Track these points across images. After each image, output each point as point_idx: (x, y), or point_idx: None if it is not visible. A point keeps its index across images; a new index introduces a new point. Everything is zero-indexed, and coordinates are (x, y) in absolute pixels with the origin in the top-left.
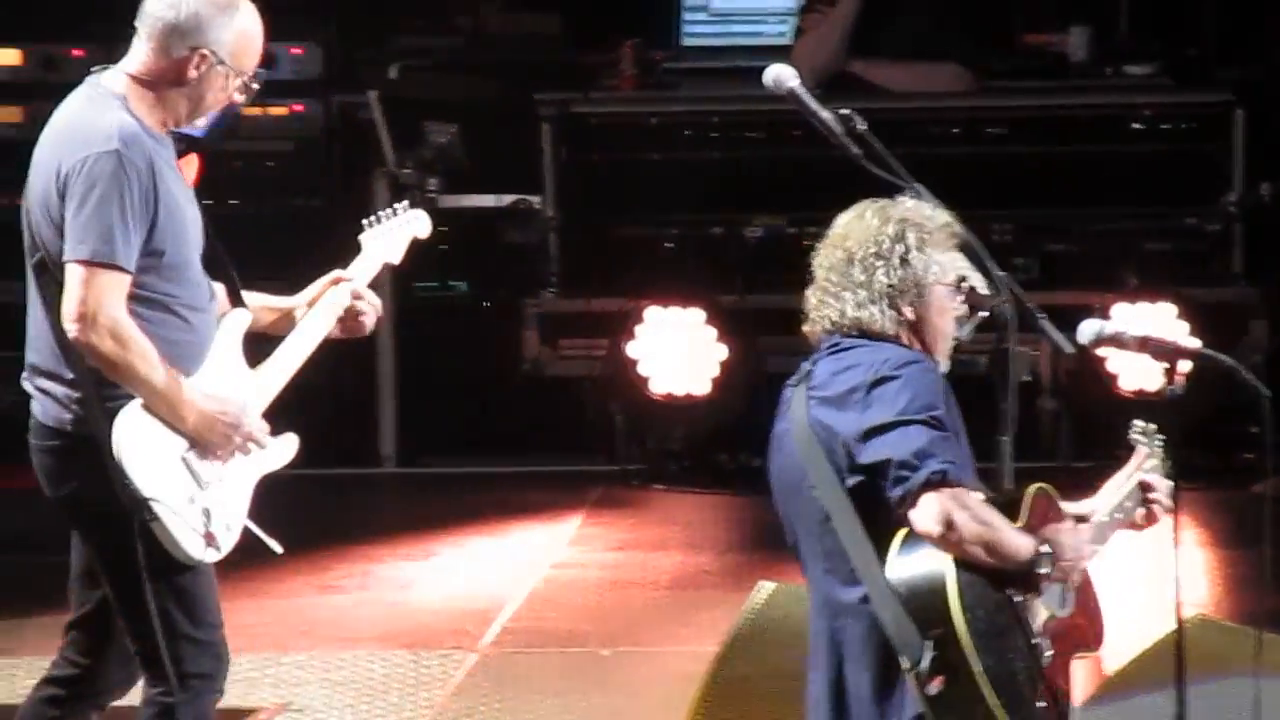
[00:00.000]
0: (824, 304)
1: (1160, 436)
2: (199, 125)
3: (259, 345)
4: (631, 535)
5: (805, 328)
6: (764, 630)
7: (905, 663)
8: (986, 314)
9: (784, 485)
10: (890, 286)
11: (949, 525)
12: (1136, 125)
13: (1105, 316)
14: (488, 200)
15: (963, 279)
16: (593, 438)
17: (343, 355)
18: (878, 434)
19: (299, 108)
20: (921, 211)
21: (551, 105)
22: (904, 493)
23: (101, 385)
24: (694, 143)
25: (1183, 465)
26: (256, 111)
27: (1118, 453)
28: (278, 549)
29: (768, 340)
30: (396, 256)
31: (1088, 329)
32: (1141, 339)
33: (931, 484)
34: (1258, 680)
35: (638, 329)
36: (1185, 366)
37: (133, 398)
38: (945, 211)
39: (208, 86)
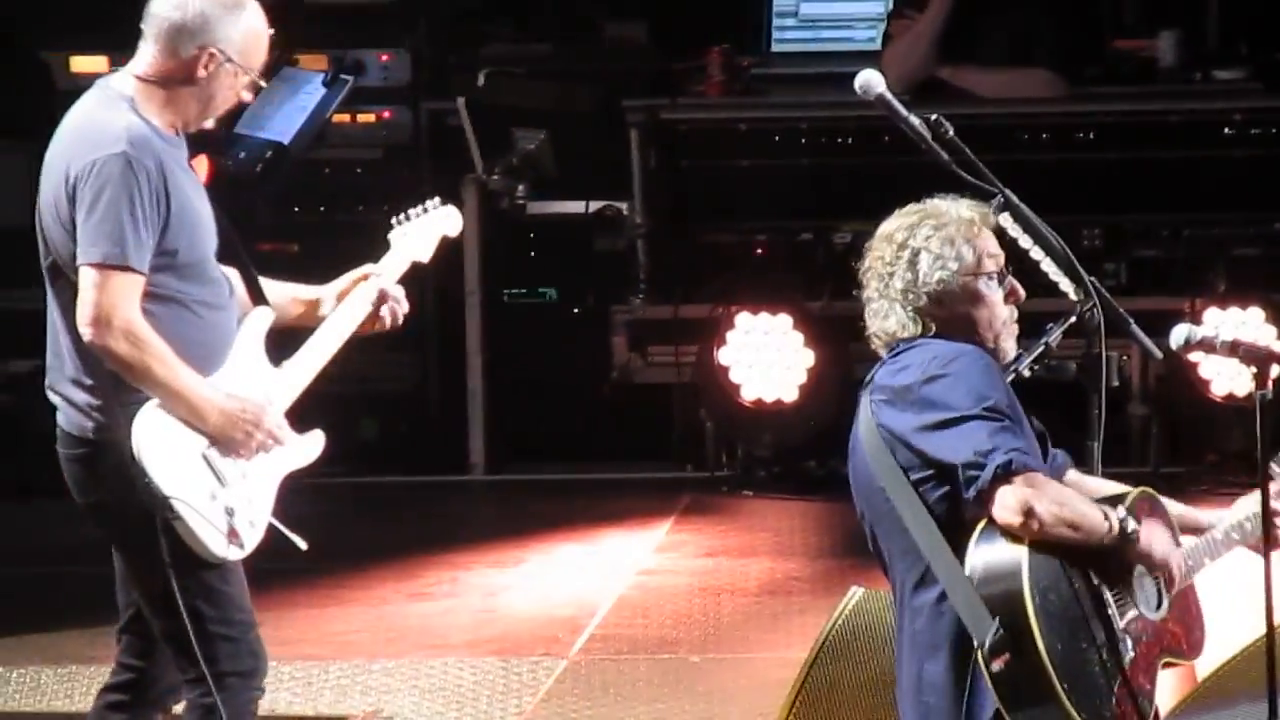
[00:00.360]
0: (869, 318)
1: None
2: (207, 125)
3: (288, 338)
4: (720, 541)
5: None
6: (854, 636)
7: (976, 641)
8: (1074, 318)
9: (860, 488)
10: (904, 291)
11: (1029, 513)
12: (1226, 130)
13: (1196, 321)
14: (576, 207)
15: (996, 262)
16: (681, 444)
17: (432, 362)
18: (937, 434)
19: (388, 114)
20: (939, 207)
21: (640, 111)
22: (977, 491)
23: (119, 387)
24: (782, 149)
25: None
26: (345, 118)
27: (1209, 457)
28: (302, 545)
29: (856, 347)
30: (426, 254)
31: (1178, 334)
32: (1232, 344)
33: (999, 477)
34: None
35: (727, 335)
36: (1276, 371)
37: (150, 398)
38: (972, 203)
39: (217, 85)
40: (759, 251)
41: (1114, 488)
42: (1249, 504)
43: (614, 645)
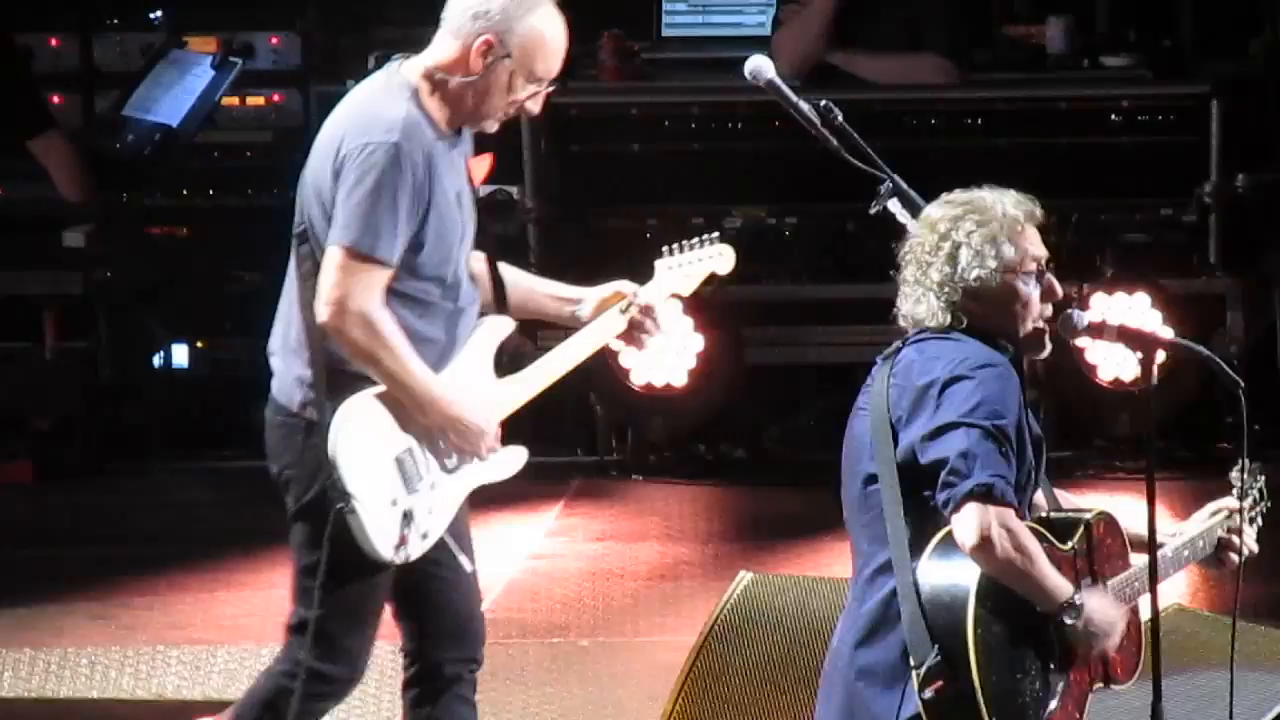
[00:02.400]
0: (900, 299)
1: (1261, 476)
2: (488, 128)
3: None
4: (611, 526)
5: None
6: (743, 620)
7: (912, 660)
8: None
9: (848, 460)
10: (940, 283)
11: (984, 540)
12: (1114, 117)
13: (1083, 307)
14: None
15: (1038, 262)
16: (572, 429)
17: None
18: (941, 433)
19: (277, 98)
20: (985, 200)
21: None
22: (948, 498)
23: (336, 372)
24: (674, 134)
25: (1159, 455)
26: (234, 102)
27: (1097, 442)
28: (469, 567)
29: (747, 332)
30: (688, 289)
31: (1065, 320)
32: (1119, 329)
33: (975, 495)
34: (1233, 669)
35: None
36: (1162, 357)
37: (361, 387)
38: (1019, 198)
39: (493, 80)
40: (650, 236)
41: (1073, 503)
42: (1203, 519)
43: (504, 629)
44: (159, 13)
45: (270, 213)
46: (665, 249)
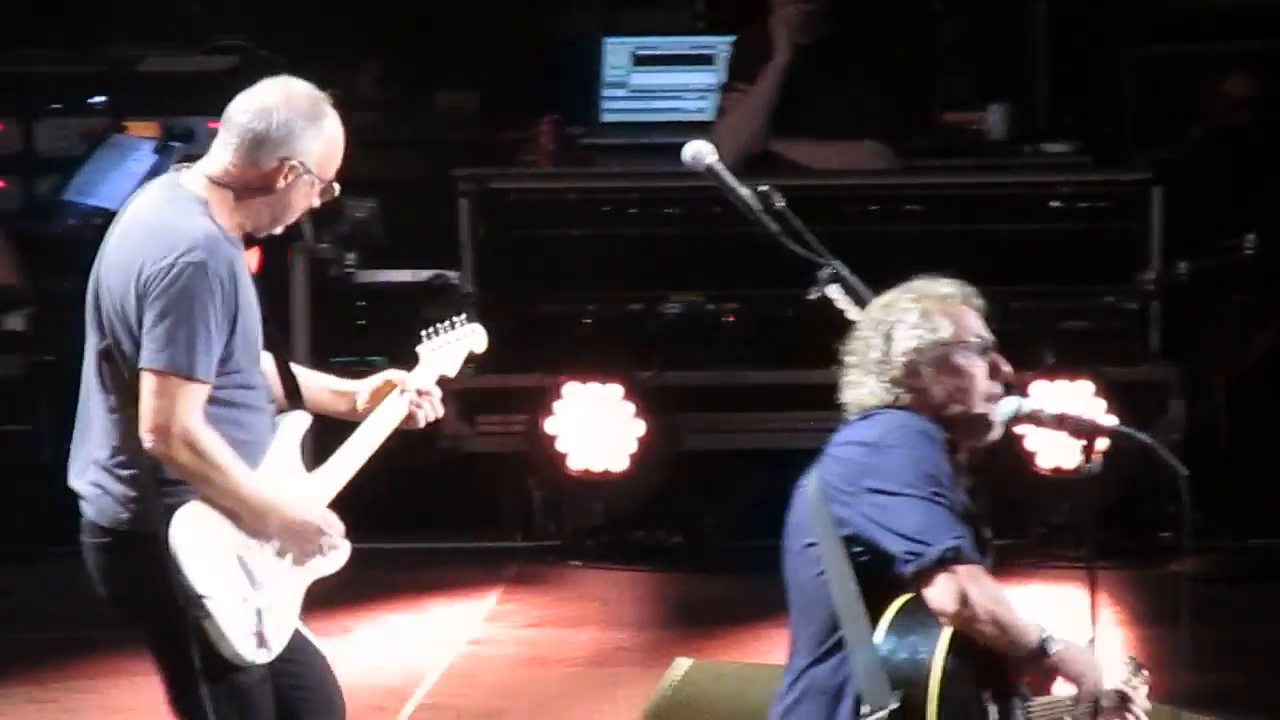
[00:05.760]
0: (845, 389)
1: (1145, 672)
2: (276, 231)
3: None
4: (549, 611)
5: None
6: (680, 706)
7: (865, 708)
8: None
9: (790, 542)
10: (879, 362)
11: (964, 602)
12: (1054, 203)
13: (1023, 394)
14: (405, 276)
15: (979, 337)
16: (509, 514)
17: None
18: (885, 503)
19: None
20: (919, 284)
21: (469, 181)
22: (917, 569)
23: (160, 481)
24: (612, 219)
25: (1100, 543)
26: None
27: (1036, 530)
28: (322, 650)
29: (685, 417)
30: (453, 369)
31: (1005, 406)
32: (1059, 416)
33: (945, 561)
34: None
35: (555, 405)
36: (1103, 444)
37: (191, 495)
38: (956, 283)
39: (294, 195)
40: (588, 321)
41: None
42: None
43: (441, 714)
44: (100, 97)
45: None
46: (424, 333)
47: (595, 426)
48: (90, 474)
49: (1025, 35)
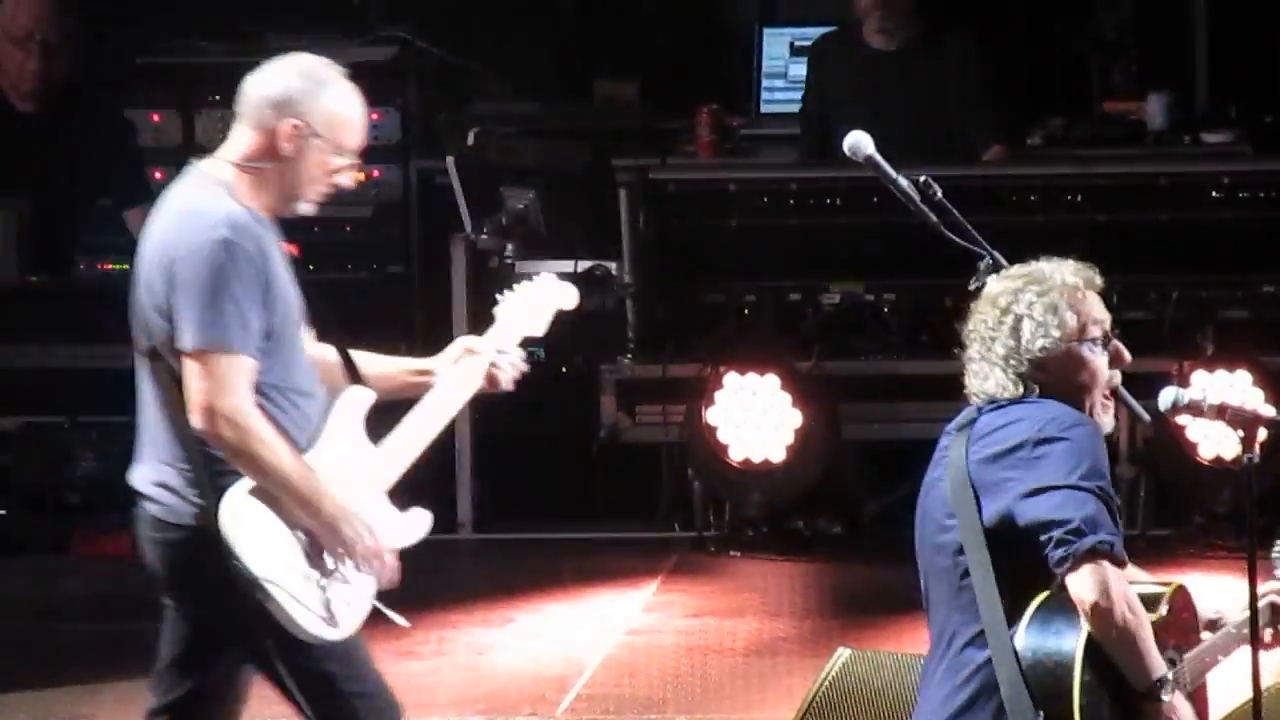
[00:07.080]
0: (969, 376)
1: None
2: (303, 210)
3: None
4: (708, 602)
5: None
6: (841, 696)
7: None
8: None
9: (925, 534)
10: (1006, 356)
11: (1105, 596)
12: (1214, 193)
13: (1183, 384)
14: (565, 266)
15: (1101, 327)
16: (669, 504)
17: None
18: (1044, 494)
19: (377, 173)
20: (1043, 271)
21: (629, 171)
22: (1067, 554)
23: (212, 469)
24: (771, 209)
25: (1261, 533)
26: None
27: (1197, 520)
28: (403, 623)
29: (844, 407)
30: (540, 329)
31: (1165, 397)
32: (1219, 407)
33: (1098, 553)
34: None
35: (716, 395)
36: (1263, 434)
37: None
38: (1078, 266)
39: (305, 163)
40: (747, 312)
41: (1144, 579)
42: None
43: (601, 705)
44: None
45: (366, 286)
46: (498, 294)
47: (754, 417)
48: (155, 473)
49: (1185, 24)
